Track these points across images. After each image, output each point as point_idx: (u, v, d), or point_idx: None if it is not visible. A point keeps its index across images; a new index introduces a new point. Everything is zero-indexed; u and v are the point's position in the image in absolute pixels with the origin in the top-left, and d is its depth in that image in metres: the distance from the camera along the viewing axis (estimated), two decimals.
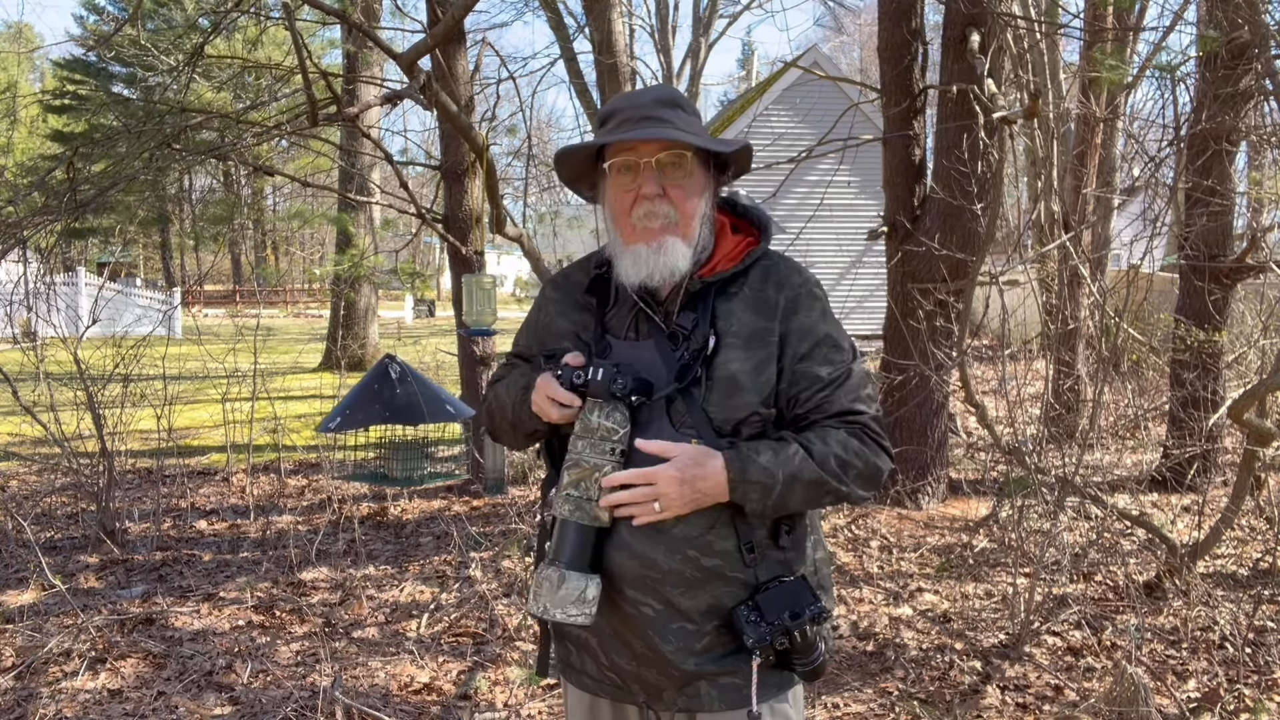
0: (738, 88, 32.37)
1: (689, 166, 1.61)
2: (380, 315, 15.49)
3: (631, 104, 1.63)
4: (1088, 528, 5.32)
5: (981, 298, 6.76)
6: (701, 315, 1.61)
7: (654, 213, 1.59)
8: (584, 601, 1.52)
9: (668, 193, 1.59)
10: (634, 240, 1.61)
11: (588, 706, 1.73)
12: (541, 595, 1.53)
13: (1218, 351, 6.11)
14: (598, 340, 1.65)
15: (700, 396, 1.57)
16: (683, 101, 1.65)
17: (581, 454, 1.55)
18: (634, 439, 1.55)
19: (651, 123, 1.59)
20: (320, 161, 13.25)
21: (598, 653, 1.65)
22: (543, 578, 1.54)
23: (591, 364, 1.58)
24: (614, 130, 1.61)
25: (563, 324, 1.72)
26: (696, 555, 1.56)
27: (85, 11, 32.93)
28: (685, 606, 1.56)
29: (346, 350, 13.32)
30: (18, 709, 3.42)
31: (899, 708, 3.40)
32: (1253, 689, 3.41)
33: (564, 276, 1.80)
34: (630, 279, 1.61)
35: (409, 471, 4.31)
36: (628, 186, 1.61)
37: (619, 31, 6.88)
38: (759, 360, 1.59)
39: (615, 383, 1.54)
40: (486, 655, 3.88)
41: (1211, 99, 5.15)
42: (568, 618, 1.52)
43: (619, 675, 1.65)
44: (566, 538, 1.54)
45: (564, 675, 1.74)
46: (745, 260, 1.66)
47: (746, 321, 1.61)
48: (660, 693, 1.62)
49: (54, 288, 6.19)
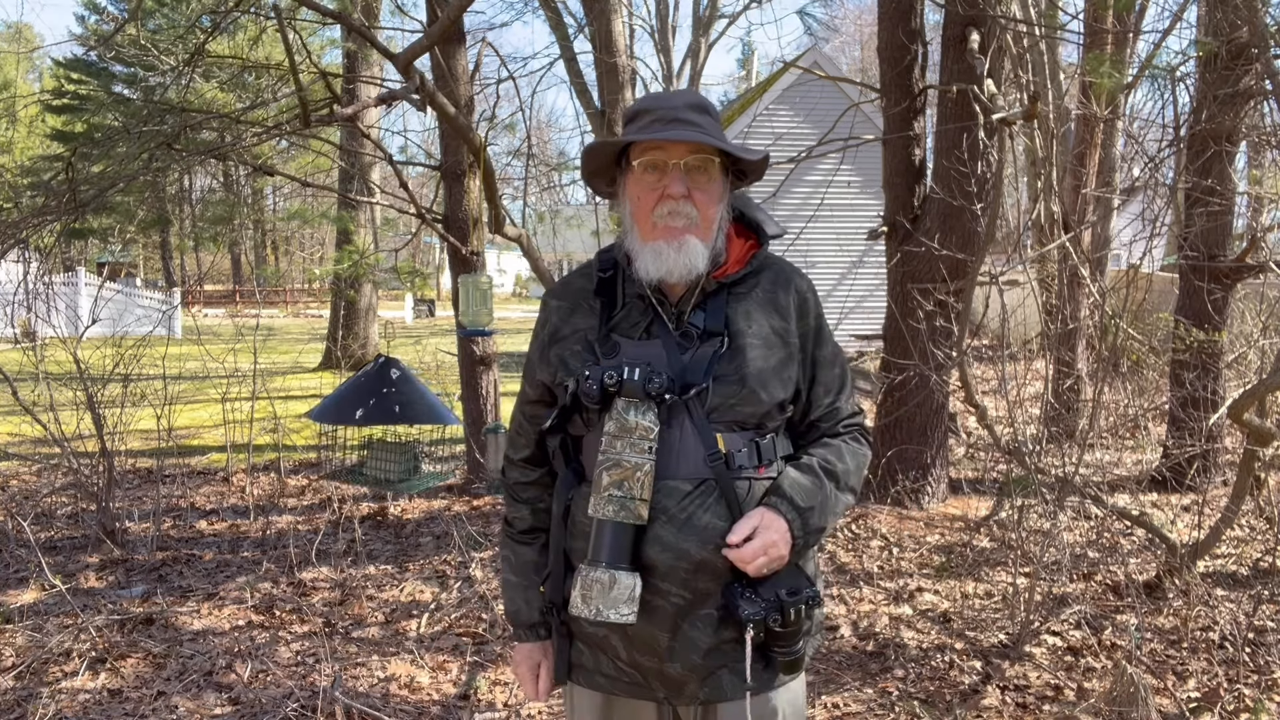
0: (738, 88, 32.38)
1: (713, 172, 1.65)
2: (380, 315, 15.49)
3: (663, 105, 1.65)
4: (1088, 528, 5.32)
5: (981, 298, 6.76)
6: (713, 315, 1.65)
7: (677, 212, 1.62)
8: (633, 599, 1.56)
9: (692, 195, 1.62)
10: (655, 237, 1.63)
11: (600, 705, 1.73)
12: (593, 598, 1.56)
13: (1217, 351, 6.11)
14: (604, 340, 1.66)
15: (725, 393, 1.62)
16: (710, 108, 1.68)
17: (622, 454, 1.57)
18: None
19: (682, 125, 1.61)
20: (320, 161, 13.27)
21: (618, 650, 1.66)
22: (591, 580, 1.56)
23: (624, 364, 1.60)
24: (644, 129, 1.63)
25: (568, 329, 1.73)
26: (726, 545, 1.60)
27: (86, 11, 32.92)
28: (713, 595, 1.61)
29: (347, 350, 13.32)
30: (18, 709, 3.42)
31: (899, 707, 3.40)
32: (1253, 689, 3.41)
33: (564, 285, 1.80)
34: (650, 274, 1.64)
35: (402, 475, 4.31)
36: (653, 185, 1.63)
37: (619, 31, 6.89)
38: (780, 359, 1.66)
39: (651, 382, 1.58)
40: (486, 655, 3.88)
41: (1211, 99, 5.15)
42: (620, 617, 1.55)
43: (639, 672, 1.66)
44: (611, 537, 1.57)
45: (571, 677, 1.74)
46: (752, 263, 1.72)
47: (763, 321, 1.68)
48: (682, 686, 1.64)
49: (54, 288, 6.19)
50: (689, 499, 1.60)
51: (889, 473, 5.97)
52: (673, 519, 1.59)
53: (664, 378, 1.58)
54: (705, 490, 1.60)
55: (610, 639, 1.66)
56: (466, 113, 6.14)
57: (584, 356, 1.67)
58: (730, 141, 1.67)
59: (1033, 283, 5.94)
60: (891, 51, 6.09)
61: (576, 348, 1.69)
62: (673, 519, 1.59)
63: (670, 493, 1.59)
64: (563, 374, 1.68)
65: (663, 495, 1.59)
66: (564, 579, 1.70)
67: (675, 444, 1.60)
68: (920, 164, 6.19)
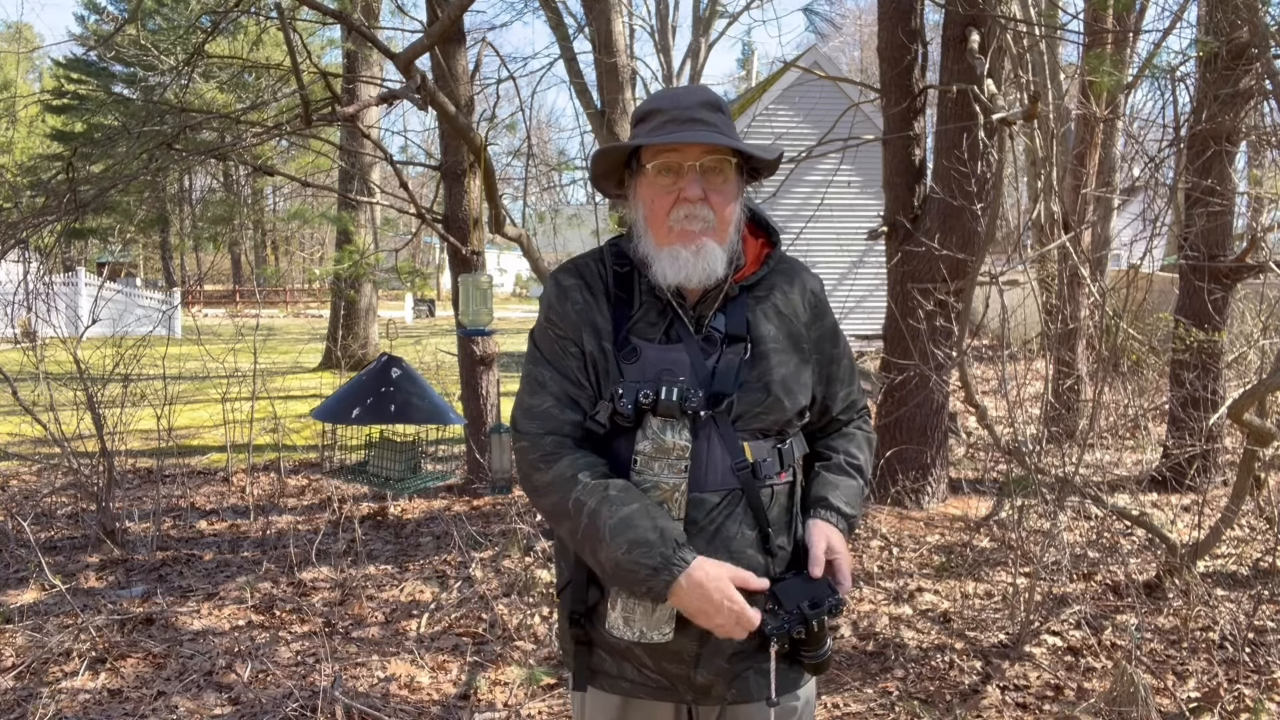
0: (738, 88, 32.37)
1: (729, 172, 1.60)
2: (380, 315, 15.49)
3: (676, 104, 1.60)
4: (1088, 528, 5.32)
5: (981, 298, 6.76)
6: (735, 319, 1.61)
7: (694, 215, 1.57)
8: (672, 619, 1.55)
9: (708, 197, 1.58)
10: (671, 241, 1.59)
11: (618, 707, 1.70)
12: (636, 620, 1.55)
13: (1218, 351, 6.11)
14: (623, 344, 1.61)
15: (750, 401, 1.60)
16: (723, 105, 1.63)
17: (660, 475, 1.54)
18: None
19: (696, 125, 1.57)
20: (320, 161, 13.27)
21: (643, 659, 1.64)
22: (633, 604, 1.54)
23: (662, 383, 1.54)
24: (657, 129, 1.58)
25: (594, 316, 1.63)
26: (754, 553, 1.60)
27: (86, 11, 32.91)
28: None
29: (347, 350, 13.31)
30: (18, 709, 3.42)
31: (899, 707, 3.40)
32: (1253, 689, 3.41)
33: (577, 269, 1.69)
34: (668, 280, 1.59)
35: (403, 474, 4.30)
36: (668, 188, 1.58)
37: (619, 31, 6.88)
38: (799, 363, 1.66)
39: (688, 401, 1.53)
40: (486, 655, 3.88)
41: (1211, 99, 5.15)
42: (663, 636, 1.55)
43: (666, 678, 1.64)
44: None
45: (591, 682, 1.70)
46: (768, 264, 1.69)
47: (781, 326, 1.65)
48: (709, 690, 1.64)
49: (54, 288, 6.19)
50: (717, 510, 1.57)
51: (889, 473, 5.97)
52: (702, 531, 1.56)
53: (699, 395, 1.53)
54: (732, 500, 1.58)
55: (634, 649, 1.62)
56: (467, 113, 6.14)
57: (604, 365, 1.60)
58: (742, 140, 1.64)
59: (1033, 283, 5.94)
60: (891, 51, 6.09)
61: (598, 348, 1.61)
62: (702, 531, 1.56)
63: (699, 505, 1.57)
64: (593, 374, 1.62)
65: (691, 508, 1.56)
66: (586, 589, 1.65)
67: (703, 456, 1.56)
68: (920, 164, 6.19)
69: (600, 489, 1.52)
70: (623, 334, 1.61)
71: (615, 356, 1.60)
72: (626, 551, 1.47)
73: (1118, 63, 6.37)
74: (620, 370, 1.59)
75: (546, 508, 1.60)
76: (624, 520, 1.49)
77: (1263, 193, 7.17)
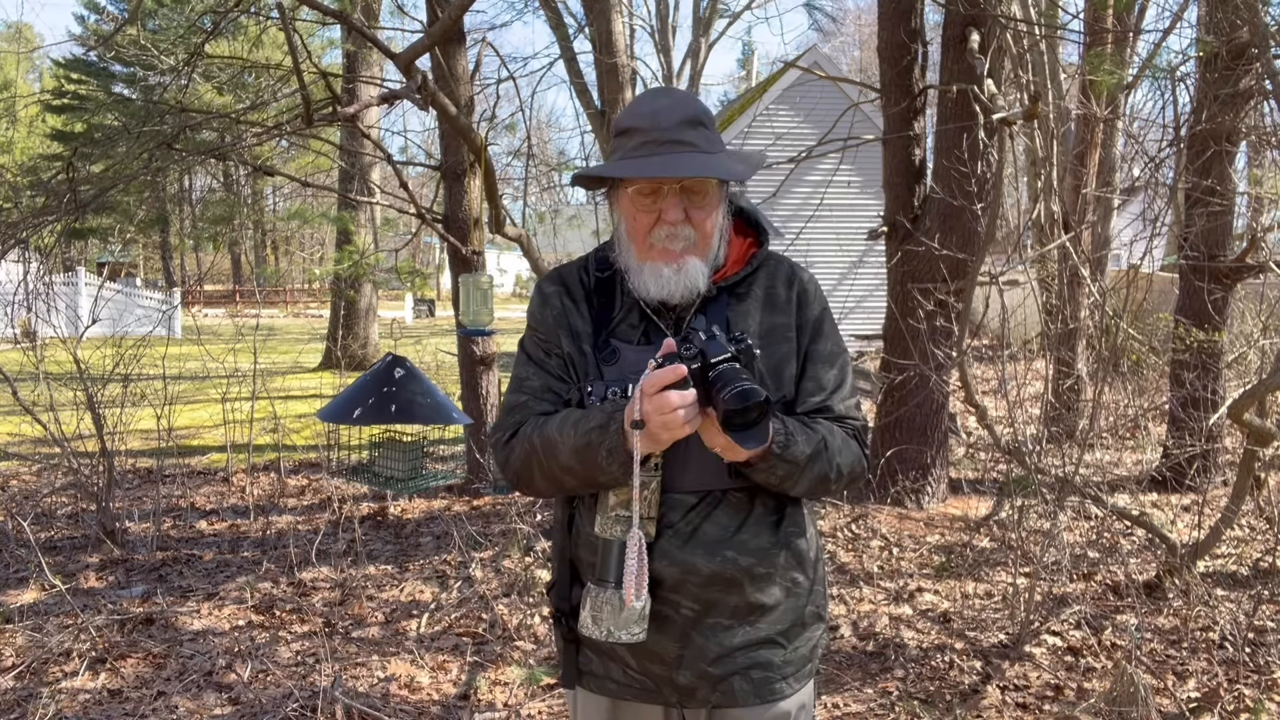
0: (738, 88, 32.37)
1: (709, 188, 1.59)
2: (380, 315, 15.50)
3: (655, 124, 1.56)
4: (1088, 528, 5.33)
5: (981, 298, 6.76)
6: (714, 320, 1.61)
7: (675, 235, 1.57)
8: (643, 619, 1.53)
9: (690, 216, 1.57)
10: (653, 259, 1.59)
11: (607, 709, 1.70)
12: (604, 619, 1.53)
13: (1218, 351, 6.11)
14: (603, 346, 1.62)
15: None
16: (705, 118, 1.60)
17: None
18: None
19: (675, 147, 1.55)
20: (320, 161, 13.28)
21: (626, 659, 1.64)
22: (602, 601, 1.53)
23: (628, 380, 1.54)
24: (637, 151, 1.57)
25: (573, 320, 1.66)
26: (734, 555, 1.58)
27: (86, 11, 32.91)
28: (722, 604, 1.59)
29: (347, 350, 13.32)
30: (18, 709, 3.42)
31: (899, 707, 3.40)
32: (1253, 689, 3.41)
33: (559, 277, 1.73)
34: (650, 295, 1.60)
35: (408, 474, 4.31)
36: (648, 208, 1.58)
37: (619, 31, 6.89)
38: (781, 356, 1.63)
39: None
40: (486, 655, 3.88)
41: (1211, 99, 5.15)
42: (631, 637, 1.54)
43: (650, 679, 1.64)
44: (619, 558, 1.53)
45: (579, 683, 1.71)
46: (752, 263, 1.68)
47: (762, 320, 1.64)
48: (694, 692, 1.62)
49: (54, 288, 6.19)
50: (694, 512, 1.57)
51: (889, 473, 5.97)
52: (678, 533, 1.56)
53: None
54: (710, 502, 1.57)
55: (617, 649, 1.63)
56: (467, 113, 6.14)
57: (583, 366, 1.62)
58: (727, 149, 1.62)
59: (1033, 283, 5.95)
60: (891, 51, 6.09)
61: (577, 350, 1.64)
62: (678, 533, 1.56)
63: (674, 505, 1.56)
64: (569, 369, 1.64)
65: (667, 508, 1.56)
66: (569, 587, 1.66)
67: (680, 455, 1.55)
68: (920, 164, 6.19)
69: (537, 420, 1.60)
70: (603, 336, 1.63)
71: (595, 358, 1.62)
72: (576, 433, 1.52)
73: (1118, 62, 6.38)
74: (600, 371, 1.61)
75: (517, 469, 1.63)
76: (563, 419, 1.56)
77: (1263, 193, 7.17)
